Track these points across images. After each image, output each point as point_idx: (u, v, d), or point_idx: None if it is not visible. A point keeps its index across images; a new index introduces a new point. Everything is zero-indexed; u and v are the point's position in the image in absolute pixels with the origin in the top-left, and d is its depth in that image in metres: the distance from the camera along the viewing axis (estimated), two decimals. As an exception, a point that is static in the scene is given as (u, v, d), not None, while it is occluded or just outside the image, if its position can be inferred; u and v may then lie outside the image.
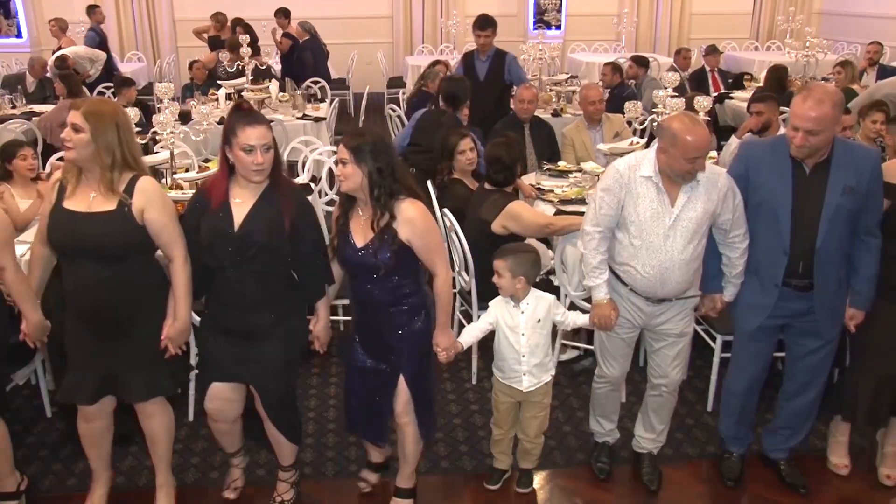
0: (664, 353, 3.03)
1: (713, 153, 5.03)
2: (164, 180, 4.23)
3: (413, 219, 2.67)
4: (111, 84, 7.91)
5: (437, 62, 7.43)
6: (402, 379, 2.84)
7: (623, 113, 5.44)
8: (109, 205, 2.58)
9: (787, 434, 3.23)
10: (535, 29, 12.14)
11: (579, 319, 3.05)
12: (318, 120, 6.84)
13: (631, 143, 5.01)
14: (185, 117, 5.82)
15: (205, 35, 9.66)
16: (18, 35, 10.82)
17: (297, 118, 6.88)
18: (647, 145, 5.33)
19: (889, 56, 9.25)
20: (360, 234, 2.71)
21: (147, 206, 2.61)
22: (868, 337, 3.03)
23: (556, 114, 6.93)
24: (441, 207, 4.21)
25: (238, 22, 9.48)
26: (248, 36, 7.70)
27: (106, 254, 2.61)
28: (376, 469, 3.20)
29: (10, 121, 6.64)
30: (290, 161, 5.86)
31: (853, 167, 2.75)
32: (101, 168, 2.57)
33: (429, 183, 4.61)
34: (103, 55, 9.07)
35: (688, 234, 2.78)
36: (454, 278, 4.22)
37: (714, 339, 3.64)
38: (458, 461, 3.41)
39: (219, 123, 6.21)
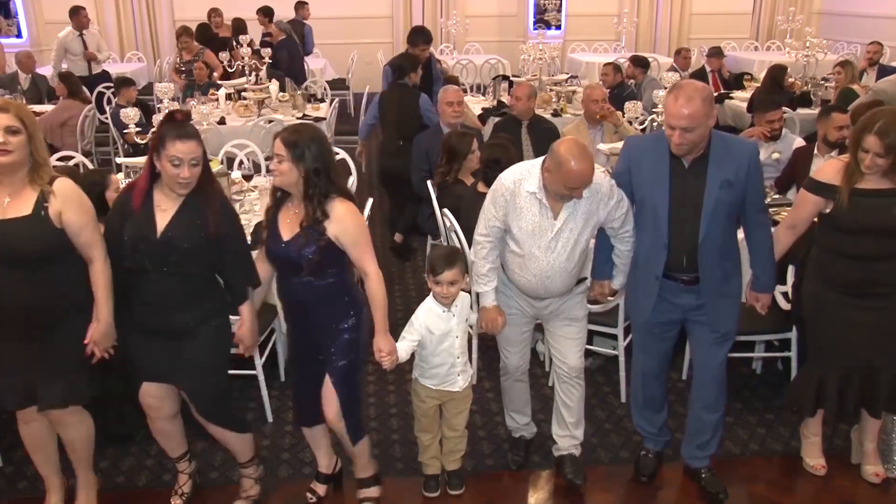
0: (558, 336, 3.09)
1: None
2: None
3: (343, 217, 2.66)
4: (111, 84, 7.90)
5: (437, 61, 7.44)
6: (328, 382, 2.81)
7: (623, 113, 5.44)
8: (25, 209, 2.55)
9: (701, 440, 3.16)
10: (535, 29, 12.14)
11: (473, 319, 3.11)
12: (318, 120, 6.84)
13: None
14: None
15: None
16: (18, 35, 10.82)
17: (297, 118, 6.88)
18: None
19: (889, 56, 9.25)
20: (287, 228, 2.70)
21: (64, 208, 2.58)
22: (828, 333, 3.05)
23: (556, 114, 6.93)
24: (441, 207, 4.22)
25: (239, 22, 9.47)
26: (248, 35, 7.72)
27: (25, 259, 2.57)
28: (325, 480, 3.15)
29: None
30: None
31: (731, 161, 2.79)
32: (27, 170, 2.55)
33: (428, 183, 4.63)
34: (108, 52, 9.07)
35: (569, 245, 2.87)
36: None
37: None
38: None
39: (219, 123, 6.24)
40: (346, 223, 2.67)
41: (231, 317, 2.88)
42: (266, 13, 9.70)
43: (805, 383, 3.17)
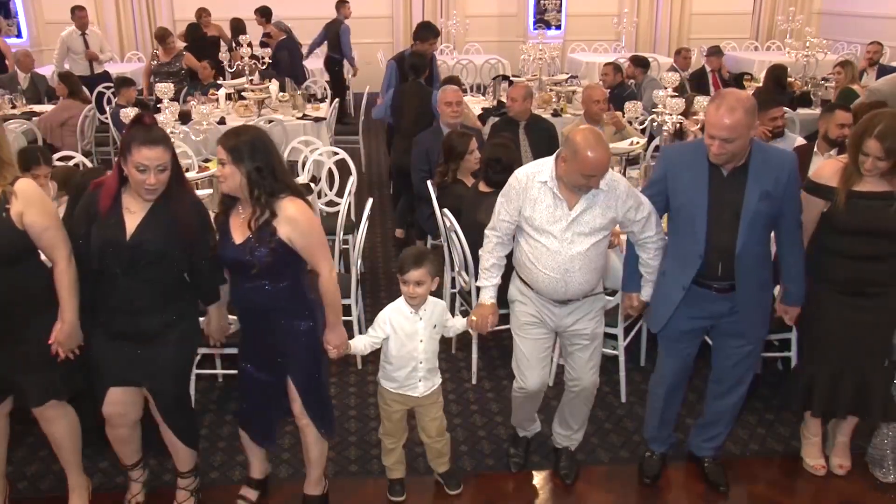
0: (577, 356, 3.05)
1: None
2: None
3: (294, 217, 2.62)
4: (111, 84, 7.90)
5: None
6: (290, 383, 2.81)
7: (623, 113, 5.44)
8: None
9: (712, 433, 3.24)
10: (535, 29, 12.14)
11: (458, 324, 3.07)
12: (318, 120, 6.84)
13: (631, 143, 5.01)
14: (185, 117, 5.82)
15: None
16: (18, 35, 10.82)
17: (297, 118, 6.88)
18: (647, 145, 5.34)
19: (889, 56, 9.25)
20: (238, 232, 2.66)
21: (26, 209, 2.55)
22: (821, 331, 3.07)
23: (556, 114, 6.93)
24: (441, 207, 4.22)
25: (238, 22, 9.47)
26: (248, 35, 7.71)
27: None
28: (257, 486, 3.12)
29: (11, 121, 6.63)
30: (291, 161, 5.85)
31: (770, 172, 2.77)
32: None
33: (429, 183, 4.63)
34: (111, 52, 9.06)
35: (585, 237, 2.82)
36: (454, 278, 4.24)
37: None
38: (458, 461, 3.40)
39: (219, 123, 6.24)
40: (298, 223, 2.62)
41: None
42: (263, 13, 9.71)
43: (796, 381, 3.19)
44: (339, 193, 5.08)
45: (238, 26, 9.37)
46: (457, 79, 7.12)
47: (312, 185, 4.88)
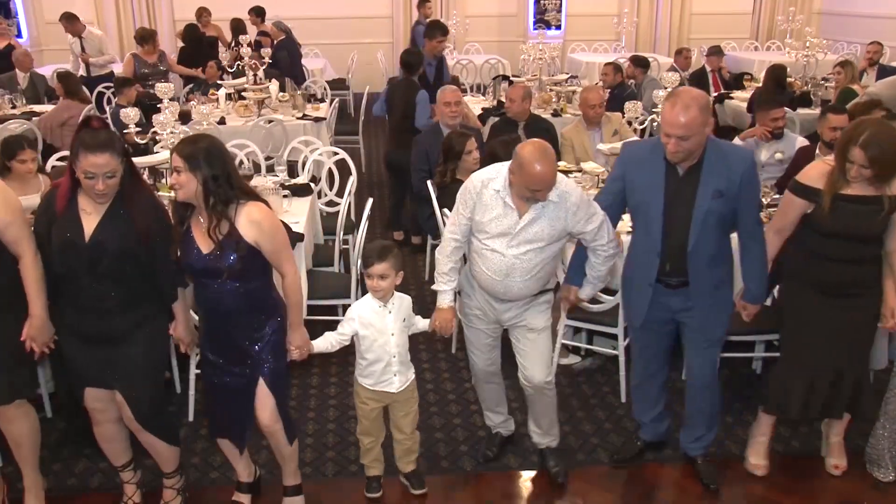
0: (524, 351, 3.06)
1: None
2: (164, 180, 4.22)
3: (259, 221, 2.62)
4: (111, 84, 7.90)
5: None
6: (262, 385, 2.78)
7: (623, 113, 5.43)
8: None
9: (696, 434, 3.24)
10: (535, 29, 12.14)
11: (420, 324, 3.08)
12: (318, 120, 6.84)
13: (631, 143, 5.00)
14: (185, 117, 5.82)
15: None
16: (19, 35, 10.81)
17: (297, 118, 6.88)
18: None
19: (889, 56, 9.24)
20: (205, 241, 2.63)
21: None
22: (801, 332, 3.08)
23: (556, 114, 6.92)
24: (441, 207, 4.22)
25: (237, 23, 9.46)
26: (248, 35, 7.71)
27: None
28: (247, 490, 3.11)
29: (10, 121, 6.63)
30: (290, 161, 5.86)
31: (725, 171, 2.77)
32: None
33: (429, 183, 4.63)
34: (111, 56, 9.03)
35: (532, 245, 2.85)
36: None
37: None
38: (459, 461, 3.41)
39: (219, 123, 6.24)
40: (263, 226, 2.63)
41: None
42: (258, 13, 9.71)
43: (776, 382, 3.20)
44: (339, 193, 5.08)
45: (238, 26, 9.36)
46: (455, 79, 7.13)
47: (312, 185, 4.88)
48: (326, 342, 2.96)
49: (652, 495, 3.21)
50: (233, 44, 8.58)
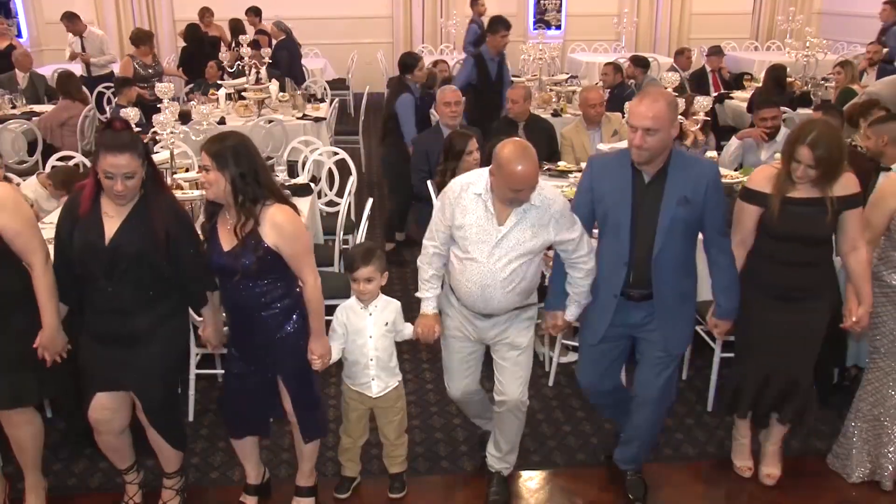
0: (504, 368, 2.98)
1: (713, 153, 5.03)
2: (164, 180, 4.22)
3: (281, 224, 2.62)
4: (111, 84, 7.90)
5: (438, 62, 7.42)
6: (280, 383, 2.82)
7: (623, 113, 5.43)
8: None
9: (630, 451, 3.18)
10: (535, 29, 12.14)
11: (407, 331, 3.04)
12: (318, 120, 6.84)
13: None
14: (185, 117, 5.83)
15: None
16: (19, 35, 10.81)
17: (297, 118, 6.88)
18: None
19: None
20: (227, 239, 2.65)
21: None
22: (752, 335, 3.09)
23: (556, 114, 6.92)
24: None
25: (236, 23, 9.46)
26: (248, 36, 7.71)
27: None
28: (255, 492, 3.10)
29: (10, 121, 6.64)
30: (290, 161, 5.86)
31: (690, 179, 2.75)
32: None
33: (429, 183, 4.63)
34: (113, 55, 9.03)
35: (513, 254, 2.77)
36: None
37: (714, 340, 3.65)
38: (458, 461, 3.41)
39: (219, 123, 6.24)
40: (285, 230, 2.63)
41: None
42: (256, 13, 9.71)
43: (727, 384, 3.21)
44: (339, 193, 5.08)
45: (237, 27, 9.36)
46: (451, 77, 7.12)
47: (312, 185, 4.88)
48: (337, 351, 2.95)
49: (652, 495, 3.21)
50: (233, 44, 8.57)
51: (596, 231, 2.96)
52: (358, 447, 3.14)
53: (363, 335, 2.94)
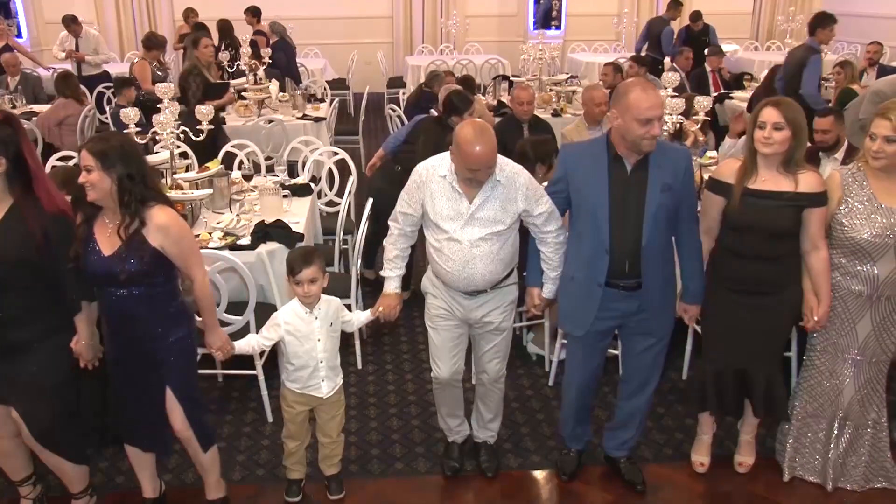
0: (484, 348, 3.09)
1: (713, 153, 5.03)
2: (164, 180, 4.22)
3: (166, 225, 2.55)
4: (111, 84, 7.90)
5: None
6: (170, 393, 2.72)
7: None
8: None
9: (623, 437, 3.25)
10: (535, 29, 12.14)
11: (362, 316, 3.08)
12: (318, 120, 6.85)
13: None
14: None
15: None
16: (18, 35, 10.82)
17: (297, 118, 6.88)
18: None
19: (889, 56, 9.24)
20: (107, 243, 2.55)
21: None
22: (716, 329, 3.11)
23: (556, 114, 6.92)
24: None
25: (224, 23, 9.42)
26: (247, 36, 7.71)
27: None
28: None
29: (10, 121, 6.62)
30: (290, 161, 5.86)
31: (669, 165, 2.82)
32: None
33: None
34: (108, 55, 9.03)
35: (486, 230, 2.83)
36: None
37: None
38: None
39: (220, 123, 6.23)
40: (170, 231, 2.56)
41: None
42: (254, 13, 9.71)
43: (693, 378, 3.23)
44: (339, 193, 5.08)
45: (225, 27, 9.33)
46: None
47: (312, 184, 4.87)
48: (248, 345, 2.94)
49: (652, 495, 3.21)
50: (222, 46, 8.55)
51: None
52: (303, 450, 3.12)
53: (311, 339, 2.90)
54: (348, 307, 3.92)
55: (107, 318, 2.70)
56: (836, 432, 3.18)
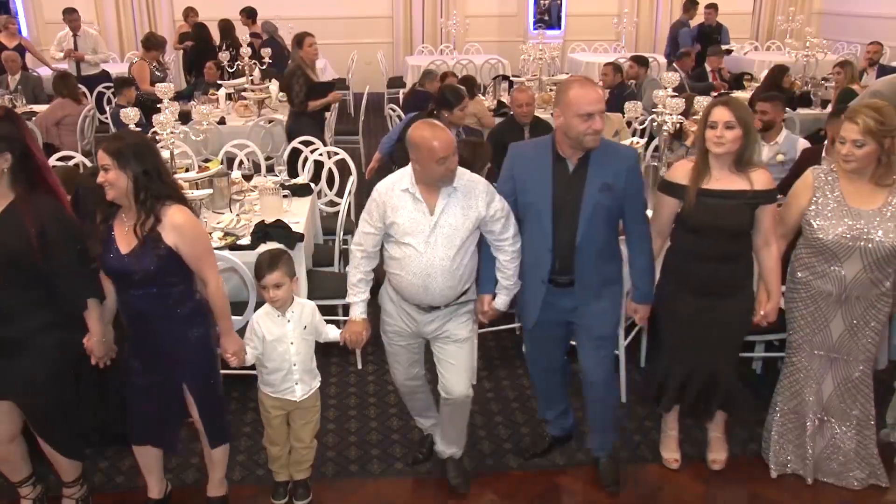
0: (446, 364, 2.99)
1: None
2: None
3: (181, 225, 2.57)
4: (111, 84, 7.90)
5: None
6: (185, 389, 2.77)
7: (623, 113, 5.43)
8: None
9: (598, 439, 3.26)
10: (535, 29, 12.14)
11: (331, 334, 3.03)
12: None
13: (630, 144, 5.00)
14: (185, 117, 5.82)
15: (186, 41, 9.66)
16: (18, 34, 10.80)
17: (297, 118, 6.86)
18: (646, 145, 5.34)
19: (889, 56, 9.24)
20: (125, 241, 2.58)
21: None
22: (674, 330, 3.13)
23: (556, 114, 6.90)
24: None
25: (226, 23, 9.42)
26: (247, 36, 7.71)
27: None
28: None
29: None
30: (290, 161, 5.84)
31: (611, 165, 2.83)
32: None
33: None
34: (107, 54, 9.04)
35: (449, 240, 2.82)
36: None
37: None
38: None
39: (219, 123, 6.24)
40: (185, 231, 2.58)
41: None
42: (249, 14, 9.71)
43: (651, 378, 3.24)
44: (339, 193, 5.07)
45: (226, 27, 9.33)
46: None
47: (312, 184, 4.87)
48: (252, 357, 2.92)
49: (652, 495, 3.21)
50: (223, 45, 8.56)
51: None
52: (286, 453, 3.10)
53: (284, 342, 2.89)
54: (348, 308, 3.92)
55: (126, 316, 2.75)
56: (816, 427, 3.20)
